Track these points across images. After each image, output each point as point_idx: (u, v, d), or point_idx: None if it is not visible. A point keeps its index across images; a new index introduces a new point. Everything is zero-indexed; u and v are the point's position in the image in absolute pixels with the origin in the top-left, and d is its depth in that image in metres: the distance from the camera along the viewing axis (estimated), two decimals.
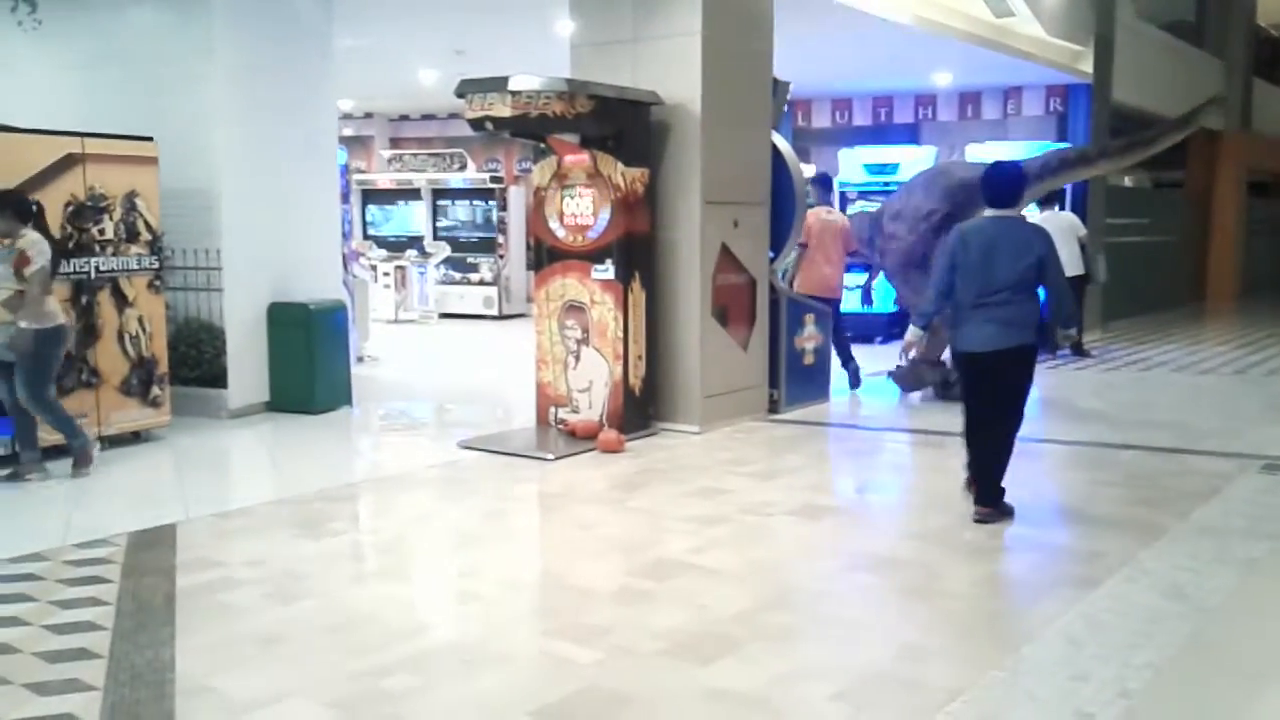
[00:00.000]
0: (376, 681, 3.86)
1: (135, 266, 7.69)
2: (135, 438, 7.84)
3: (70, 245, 7.27)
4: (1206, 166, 21.25)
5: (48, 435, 6.90)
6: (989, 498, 5.97)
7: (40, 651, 4.11)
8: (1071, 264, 12.26)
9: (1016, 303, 5.75)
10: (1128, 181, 20.26)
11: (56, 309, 6.68)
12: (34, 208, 6.68)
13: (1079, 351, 12.65)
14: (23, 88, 9.05)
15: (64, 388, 7.23)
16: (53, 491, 6.58)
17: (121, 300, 7.62)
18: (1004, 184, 5.95)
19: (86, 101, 8.69)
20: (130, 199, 7.62)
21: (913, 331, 6.30)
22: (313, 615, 4.54)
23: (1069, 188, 13.81)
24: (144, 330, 7.77)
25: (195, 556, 5.28)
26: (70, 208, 7.27)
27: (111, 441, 7.63)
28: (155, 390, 7.87)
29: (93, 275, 7.43)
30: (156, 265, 7.85)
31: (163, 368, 7.93)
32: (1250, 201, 22.39)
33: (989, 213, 5.98)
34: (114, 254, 7.55)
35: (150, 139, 7.82)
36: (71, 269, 7.28)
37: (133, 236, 7.66)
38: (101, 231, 7.46)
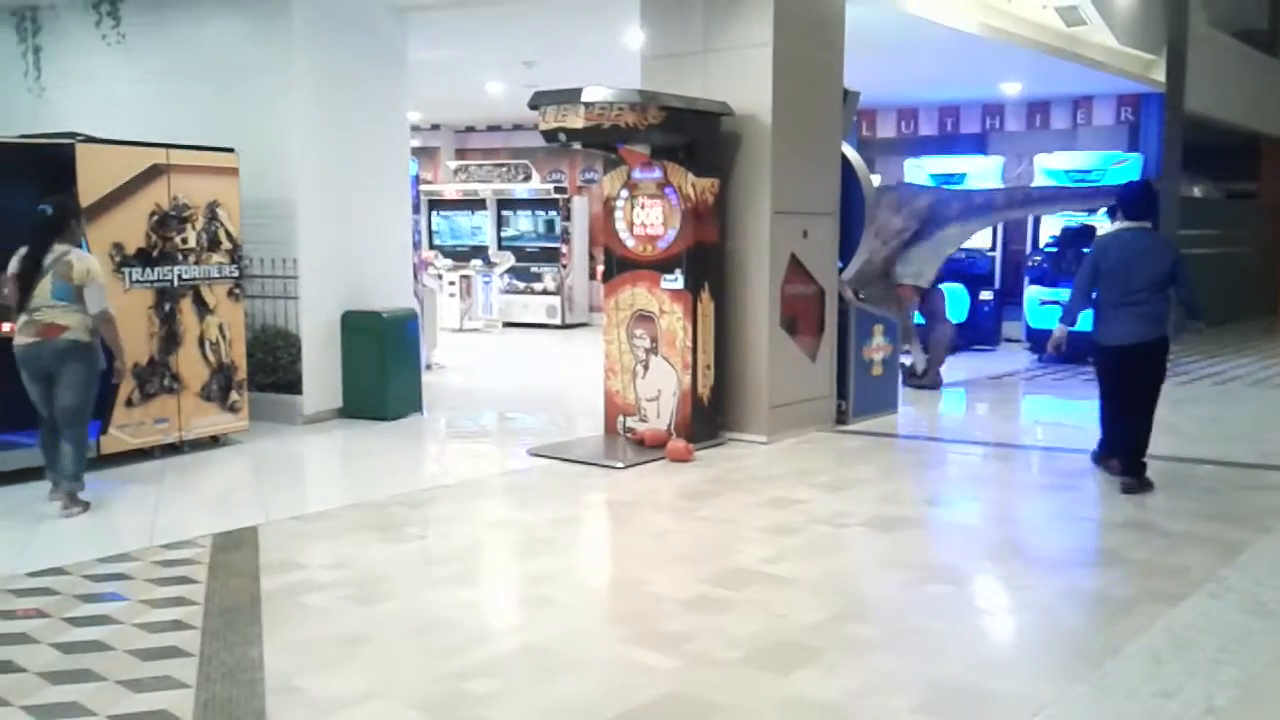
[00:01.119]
0: (459, 684, 3.92)
1: (216, 275, 7.87)
2: (214, 442, 8.01)
3: (154, 254, 7.46)
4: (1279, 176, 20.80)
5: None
6: (1135, 469, 6.85)
7: (133, 649, 4.23)
8: None
9: (1153, 302, 6.72)
10: (1198, 192, 19.90)
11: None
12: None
13: None
14: (106, 99, 9.31)
15: (146, 393, 7.42)
16: (140, 494, 6.73)
17: (203, 307, 7.80)
18: (1139, 200, 7.00)
19: (167, 113, 8.92)
20: (212, 209, 7.81)
21: (1060, 329, 7.19)
22: (394, 617, 4.62)
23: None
24: (224, 337, 7.95)
25: (278, 558, 5.39)
26: (154, 217, 7.46)
27: (191, 446, 7.81)
28: (234, 396, 8.04)
29: (175, 283, 7.61)
30: (236, 273, 8.03)
31: (241, 374, 8.10)
32: None
33: (1125, 224, 6.95)
34: (196, 262, 7.73)
35: (231, 150, 8.00)
36: (155, 277, 7.47)
37: (214, 245, 7.84)
38: (184, 240, 7.65)
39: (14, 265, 6.15)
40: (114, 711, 3.67)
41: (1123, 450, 6.95)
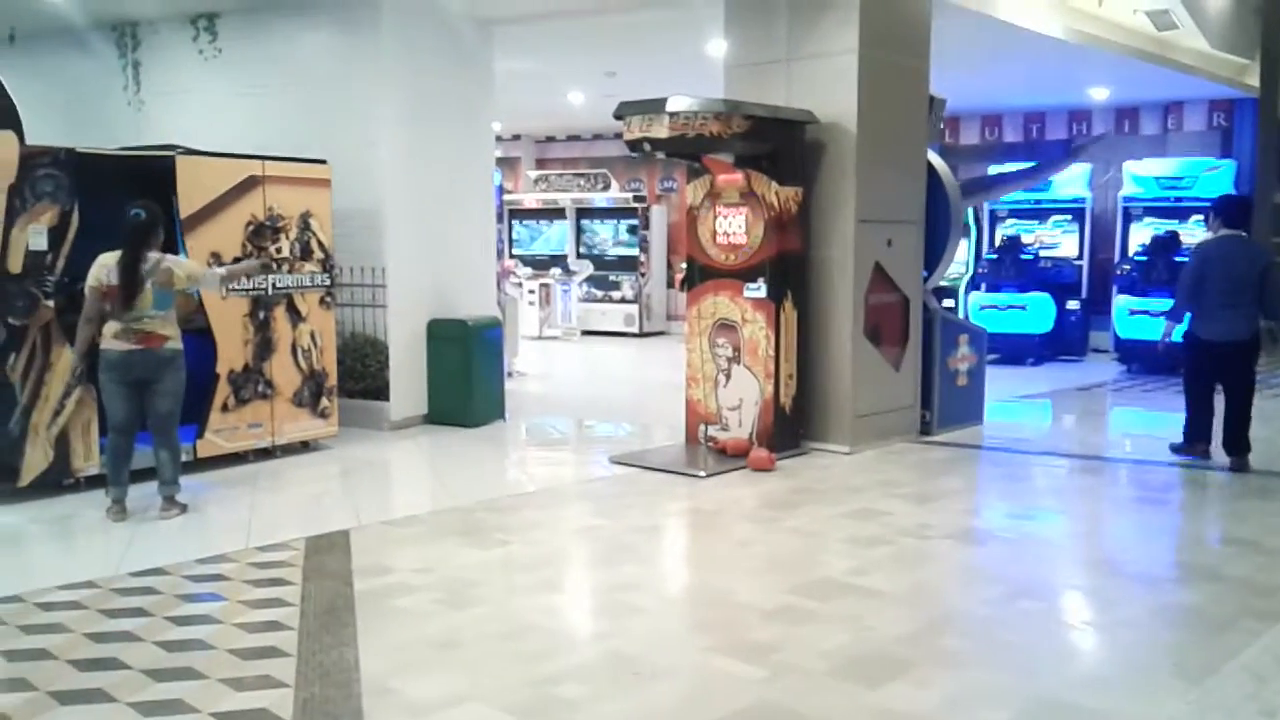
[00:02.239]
0: (550, 689, 3.96)
1: (308, 283, 8.05)
2: (304, 447, 8.19)
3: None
4: None
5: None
6: (1243, 449, 7.78)
7: (233, 649, 4.34)
8: None
9: (1247, 303, 7.60)
10: None
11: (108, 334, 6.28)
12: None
13: None
14: (203, 112, 9.58)
15: (241, 399, 7.62)
16: (234, 497, 6.91)
17: (295, 315, 7.98)
18: (1237, 210, 7.95)
19: (261, 125, 9.15)
20: (305, 219, 7.99)
21: (1169, 324, 8.14)
22: (484, 622, 4.68)
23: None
24: (315, 344, 8.12)
25: (369, 562, 5.49)
26: (250, 227, 7.65)
27: (283, 450, 8.00)
28: (324, 402, 8.21)
29: (270, 291, 7.80)
30: (328, 282, 8.20)
31: (332, 380, 8.28)
32: None
33: (1224, 232, 7.81)
34: (289, 271, 7.92)
35: (324, 162, 8.18)
36: (250, 285, 7.66)
37: (306, 254, 8.03)
38: (279, 250, 7.84)
39: (112, 275, 6.16)
40: (216, 709, 3.77)
41: (1229, 435, 7.79)
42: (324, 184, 8.15)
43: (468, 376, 9.11)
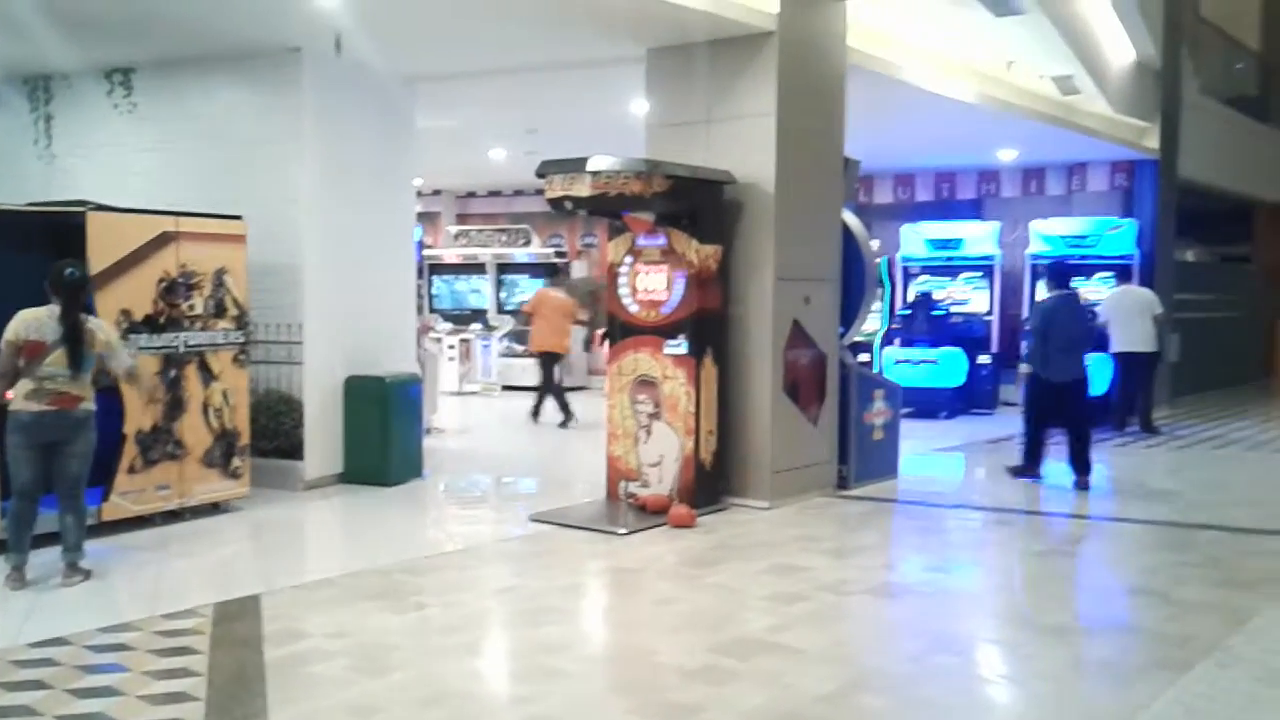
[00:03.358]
0: None
1: (222, 341, 7.91)
2: (215, 509, 7.98)
3: (161, 320, 7.50)
4: (1272, 241, 21.01)
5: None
6: (1087, 470, 9.26)
7: None
8: (1145, 340, 12.21)
9: (1078, 350, 9.23)
10: (1191, 257, 20.08)
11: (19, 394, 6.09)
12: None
13: (1149, 429, 12.47)
14: (117, 167, 9.40)
15: (149, 459, 7.42)
16: (140, 562, 6.70)
17: (207, 374, 7.81)
18: (1065, 274, 9.67)
19: (176, 181, 9.00)
20: (219, 275, 7.86)
21: (1024, 367, 9.61)
22: (401, 688, 4.58)
23: (1138, 264, 13.77)
24: (227, 403, 7.95)
25: (281, 628, 5.36)
26: (163, 284, 7.50)
27: (192, 513, 7.78)
28: (236, 462, 8.03)
29: (181, 349, 7.64)
30: (242, 340, 8.06)
31: (244, 440, 8.10)
32: None
33: (1057, 292, 9.43)
34: (202, 329, 7.77)
35: (239, 218, 8.08)
36: (161, 343, 7.50)
37: (220, 312, 7.89)
38: (191, 307, 7.69)
39: (36, 332, 5.97)
40: None
41: (1074, 457, 9.30)
42: (239, 240, 8.04)
43: (385, 434, 8.99)
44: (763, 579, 6.27)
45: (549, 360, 13.19)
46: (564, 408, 12.95)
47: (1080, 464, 9.24)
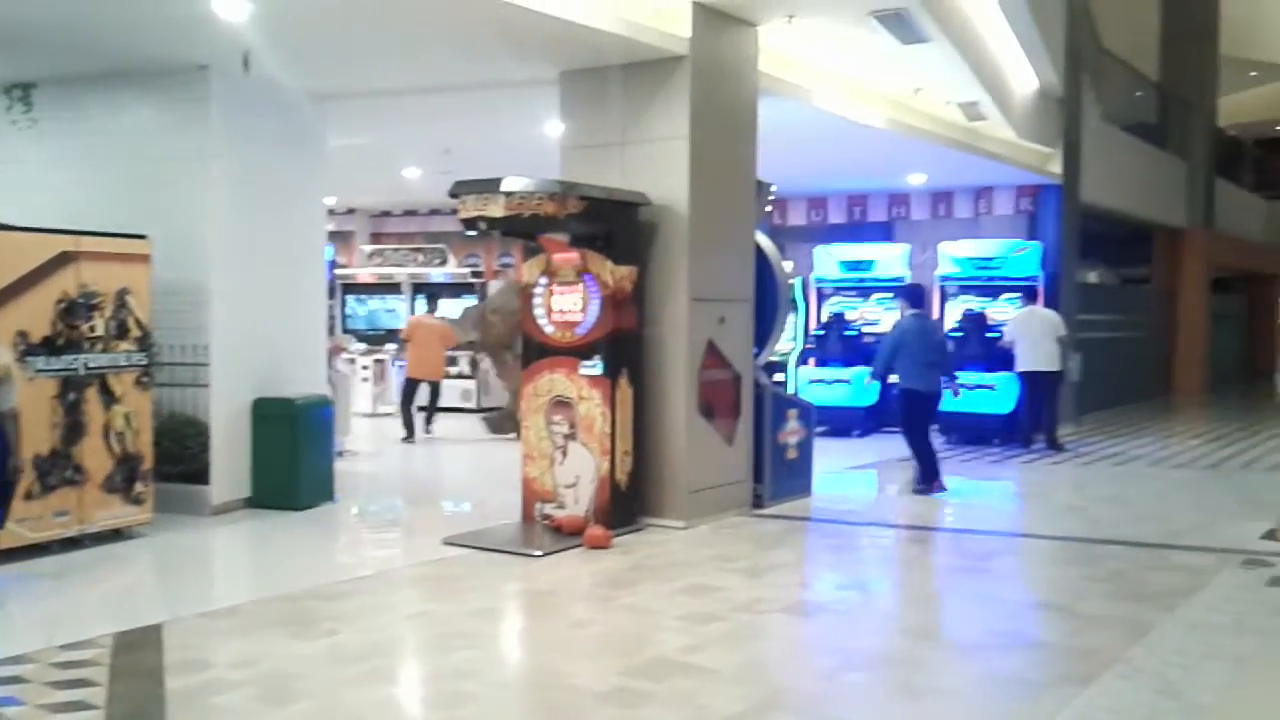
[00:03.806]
0: None
1: (124, 363, 7.70)
2: (116, 535, 7.75)
3: (59, 342, 7.28)
4: (1171, 262, 21.76)
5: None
6: (937, 475, 10.00)
7: None
8: (1049, 360, 12.54)
9: (933, 364, 10.01)
10: (1094, 278, 20.69)
11: None
12: None
13: (1055, 446, 12.79)
14: (15, 185, 9.12)
15: (47, 485, 7.18)
16: (37, 592, 6.48)
17: (109, 397, 7.60)
18: (918, 296, 10.78)
19: (79, 199, 8.73)
20: (121, 296, 7.66)
21: (869, 378, 10.91)
22: (307, 718, 4.48)
23: (1044, 285, 14.13)
24: (130, 427, 7.74)
25: (184, 658, 5.21)
26: (62, 305, 7.29)
27: (93, 540, 7.54)
28: (139, 487, 7.81)
29: (81, 372, 7.42)
30: (145, 362, 7.86)
31: (147, 464, 7.89)
32: (1213, 297, 22.89)
33: (911, 312, 10.32)
34: (103, 351, 7.56)
35: (144, 237, 7.89)
36: (60, 366, 7.28)
37: (122, 333, 7.68)
38: (92, 329, 7.48)
39: None
40: None
41: (927, 463, 10.04)
42: (143, 260, 7.85)
43: (295, 457, 8.81)
44: (678, 599, 6.28)
45: (421, 385, 14.01)
46: (408, 424, 13.57)
47: (934, 469, 10.01)
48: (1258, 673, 5.14)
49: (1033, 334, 12.66)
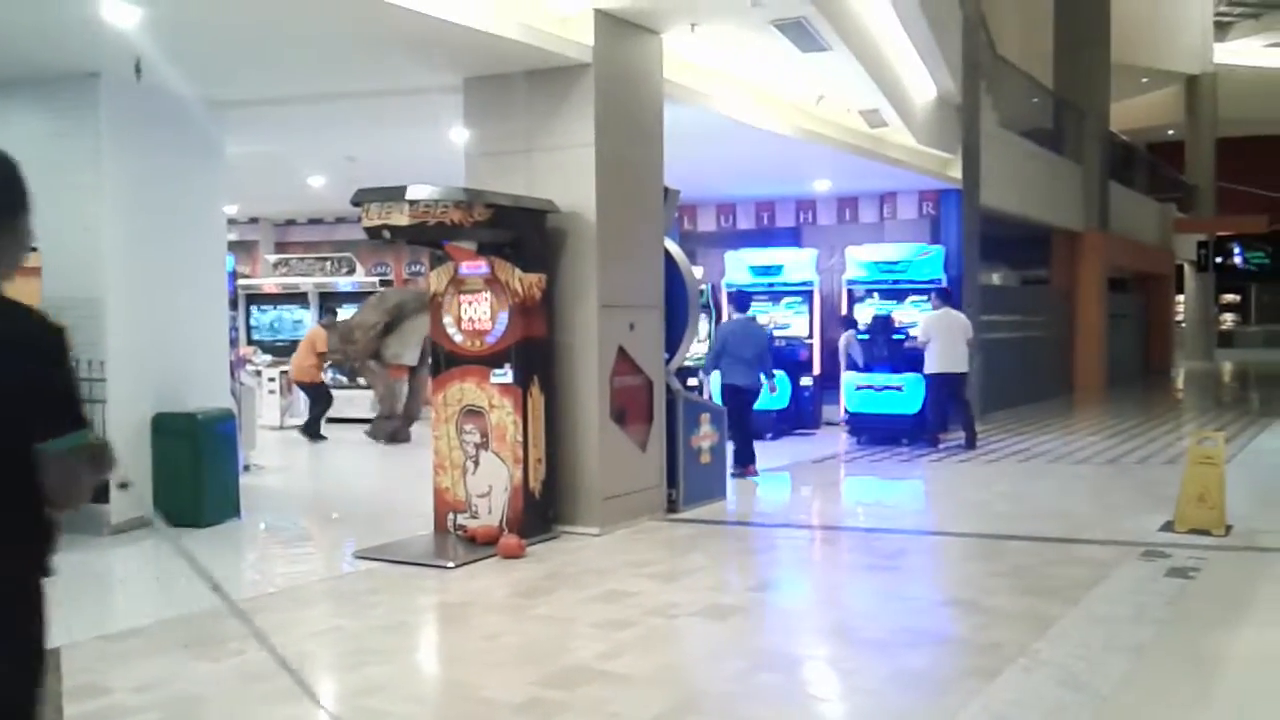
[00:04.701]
0: None
1: None
2: None
3: None
4: (1069, 264, 22.40)
5: None
6: (750, 462, 10.93)
7: None
8: (959, 361, 12.78)
9: (755, 363, 11.04)
10: (996, 280, 21.21)
11: None
12: None
13: (973, 444, 12.96)
14: None
15: None
16: None
17: None
18: (745, 300, 11.99)
19: None
20: None
21: (702, 375, 11.98)
22: None
23: (949, 287, 14.43)
24: None
25: (82, 683, 5.02)
26: None
27: None
28: None
29: None
30: None
31: None
32: (1110, 297, 23.62)
33: (738, 316, 11.71)
34: None
35: (34, 249, 7.61)
36: None
37: None
38: None
39: None
40: None
41: (745, 450, 10.93)
42: (33, 272, 7.60)
43: (197, 473, 8.58)
44: (592, 606, 6.26)
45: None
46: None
47: (745, 455, 10.89)
48: (1157, 661, 5.29)
49: (948, 336, 12.88)
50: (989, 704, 4.61)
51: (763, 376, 11.19)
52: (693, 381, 13.13)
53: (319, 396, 14.77)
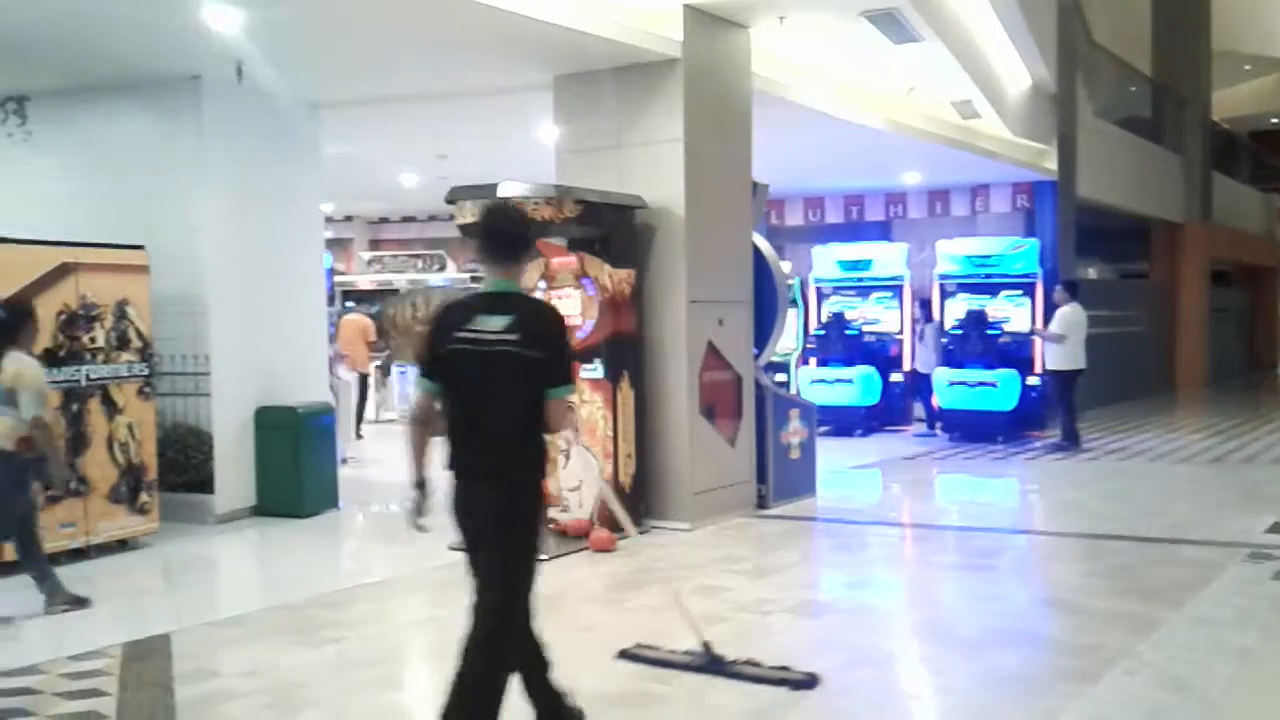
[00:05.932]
0: None
1: (125, 374, 7.72)
2: (122, 545, 7.76)
3: (61, 354, 7.30)
4: (1169, 257, 21.77)
5: None
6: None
7: None
8: (1082, 357, 12.44)
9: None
10: (1092, 274, 20.70)
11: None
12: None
13: (1073, 441, 12.61)
14: (11, 198, 9.13)
15: (53, 497, 7.19)
16: (43, 602, 6.47)
17: (111, 407, 7.62)
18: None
19: (76, 211, 8.75)
20: (121, 307, 7.69)
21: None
22: None
23: (1042, 286, 14.13)
24: (133, 437, 7.76)
25: (192, 667, 5.22)
26: (62, 316, 7.31)
27: (99, 550, 7.56)
28: (143, 497, 7.82)
29: (83, 383, 7.44)
30: (146, 372, 7.88)
31: (151, 474, 7.90)
32: (1211, 291, 22.90)
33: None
34: (105, 361, 7.58)
35: (141, 248, 7.91)
36: (62, 377, 7.29)
37: (123, 344, 7.70)
38: (93, 340, 7.50)
39: None
40: None
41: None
42: (142, 270, 7.87)
43: (298, 465, 8.83)
44: (684, 601, 6.26)
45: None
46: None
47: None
48: (1264, 666, 5.14)
49: (1081, 331, 12.57)
50: (1089, 707, 4.53)
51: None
52: (780, 377, 13.11)
53: (362, 389, 14.61)
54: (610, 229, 8.04)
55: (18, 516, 6.17)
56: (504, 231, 4.00)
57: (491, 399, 3.82)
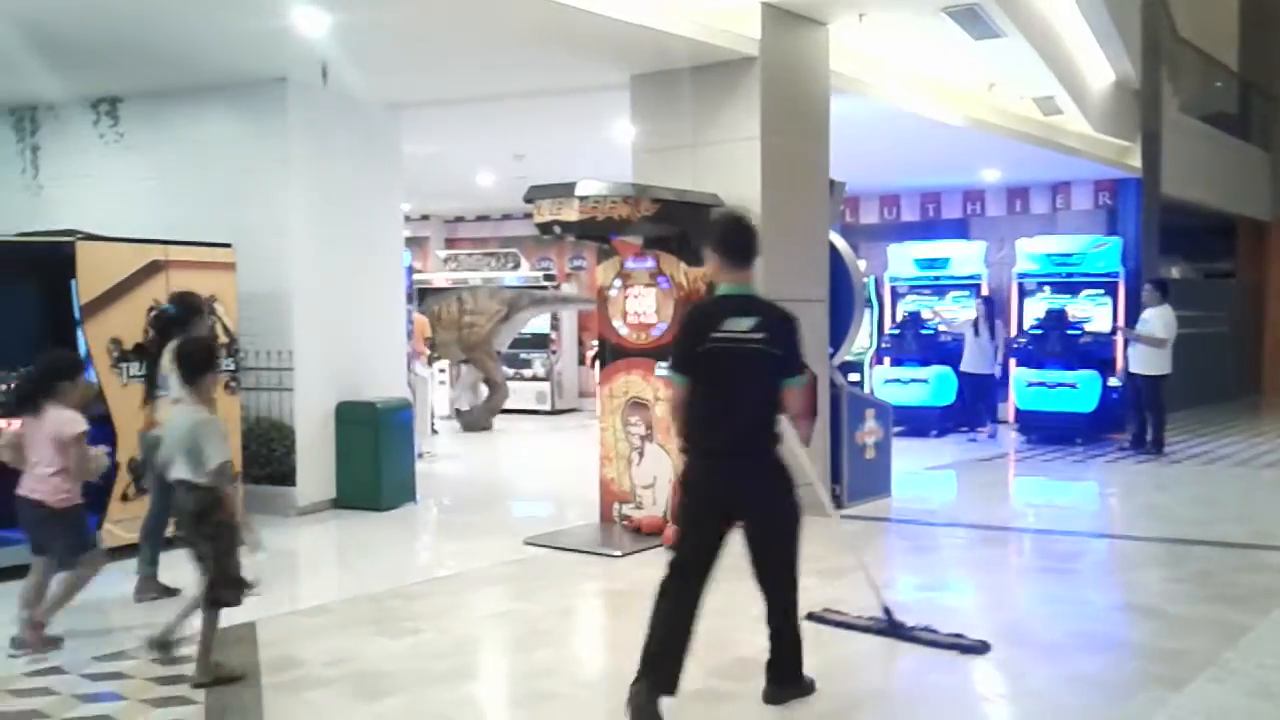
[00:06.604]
0: None
1: None
2: None
3: (152, 349, 7.49)
4: (1257, 256, 21.17)
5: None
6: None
7: None
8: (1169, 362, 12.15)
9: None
10: (1176, 273, 20.20)
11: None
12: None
13: (1159, 447, 12.33)
14: (104, 197, 9.42)
15: (142, 488, 7.39)
16: (132, 590, 6.66)
17: None
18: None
19: (165, 210, 9.02)
20: (209, 304, 7.87)
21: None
22: (397, 714, 4.59)
23: (1124, 285, 13.84)
24: None
25: (277, 655, 5.35)
26: (153, 313, 7.51)
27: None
28: None
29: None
30: (233, 367, 8.07)
31: (237, 467, 8.07)
32: None
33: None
34: None
35: (229, 245, 8.10)
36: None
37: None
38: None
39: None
40: None
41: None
42: (229, 268, 8.06)
43: (377, 459, 8.98)
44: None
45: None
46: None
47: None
48: None
49: (1172, 334, 12.28)
50: (1176, 713, 4.45)
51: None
52: (854, 377, 13.02)
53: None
54: (686, 227, 8.03)
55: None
56: (741, 238, 4.49)
57: (744, 389, 4.41)
